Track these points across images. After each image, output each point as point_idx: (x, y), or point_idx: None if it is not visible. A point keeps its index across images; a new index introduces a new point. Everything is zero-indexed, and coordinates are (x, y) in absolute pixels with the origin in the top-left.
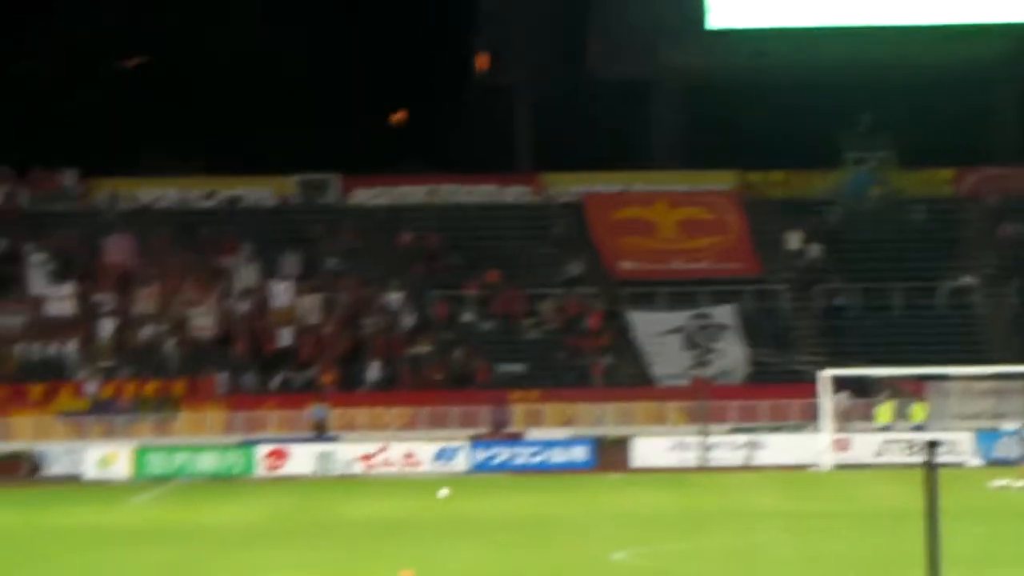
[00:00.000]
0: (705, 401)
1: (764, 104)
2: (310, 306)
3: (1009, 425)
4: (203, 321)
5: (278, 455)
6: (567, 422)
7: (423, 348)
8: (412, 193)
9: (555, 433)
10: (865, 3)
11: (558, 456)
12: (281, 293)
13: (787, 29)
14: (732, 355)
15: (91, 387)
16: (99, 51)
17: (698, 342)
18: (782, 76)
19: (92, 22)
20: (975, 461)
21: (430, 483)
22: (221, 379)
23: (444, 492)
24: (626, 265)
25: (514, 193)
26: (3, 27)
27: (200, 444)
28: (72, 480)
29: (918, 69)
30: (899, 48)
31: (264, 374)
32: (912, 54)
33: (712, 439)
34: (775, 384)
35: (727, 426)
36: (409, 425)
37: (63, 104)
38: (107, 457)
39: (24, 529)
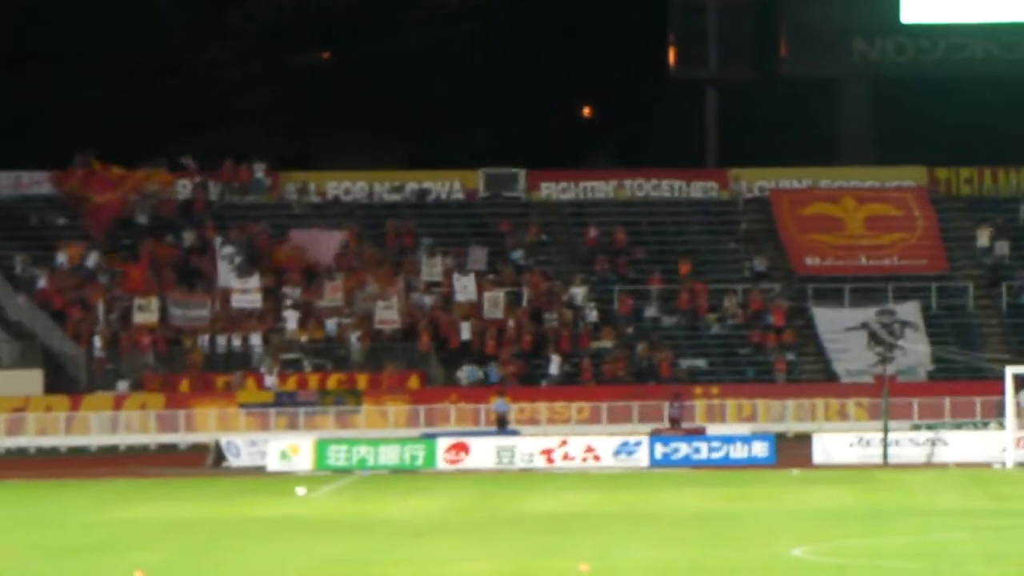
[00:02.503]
0: (888, 398)
1: (954, 99)
2: (494, 300)
3: None
4: (387, 314)
5: (459, 448)
6: (748, 418)
7: (606, 343)
8: (598, 187)
9: (736, 429)
10: None
11: (739, 452)
12: (466, 287)
13: (980, 24)
14: (916, 352)
15: (275, 379)
16: (290, 44)
17: (882, 339)
18: (974, 71)
19: (283, 14)
20: None
21: (611, 477)
22: (404, 372)
23: (301, 491)
24: (811, 261)
25: (701, 188)
26: (195, 19)
27: (381, 437)
28: (255, 471)
29: None
30: None
31: (447, 368)
32: None
33: (894, 436)
34: (958, 381)
35: (910, 423)
36: (590, 420)
37: (254, 97)
38: (289, 449)
39: (209, 520)
